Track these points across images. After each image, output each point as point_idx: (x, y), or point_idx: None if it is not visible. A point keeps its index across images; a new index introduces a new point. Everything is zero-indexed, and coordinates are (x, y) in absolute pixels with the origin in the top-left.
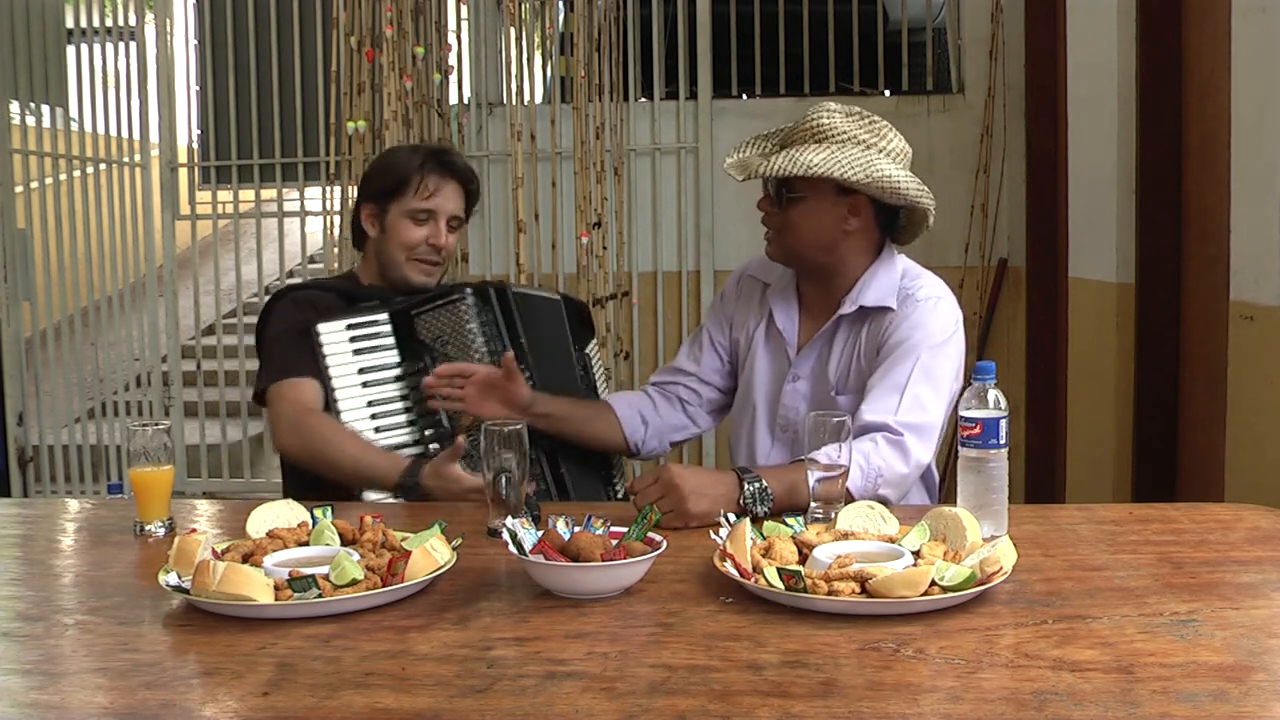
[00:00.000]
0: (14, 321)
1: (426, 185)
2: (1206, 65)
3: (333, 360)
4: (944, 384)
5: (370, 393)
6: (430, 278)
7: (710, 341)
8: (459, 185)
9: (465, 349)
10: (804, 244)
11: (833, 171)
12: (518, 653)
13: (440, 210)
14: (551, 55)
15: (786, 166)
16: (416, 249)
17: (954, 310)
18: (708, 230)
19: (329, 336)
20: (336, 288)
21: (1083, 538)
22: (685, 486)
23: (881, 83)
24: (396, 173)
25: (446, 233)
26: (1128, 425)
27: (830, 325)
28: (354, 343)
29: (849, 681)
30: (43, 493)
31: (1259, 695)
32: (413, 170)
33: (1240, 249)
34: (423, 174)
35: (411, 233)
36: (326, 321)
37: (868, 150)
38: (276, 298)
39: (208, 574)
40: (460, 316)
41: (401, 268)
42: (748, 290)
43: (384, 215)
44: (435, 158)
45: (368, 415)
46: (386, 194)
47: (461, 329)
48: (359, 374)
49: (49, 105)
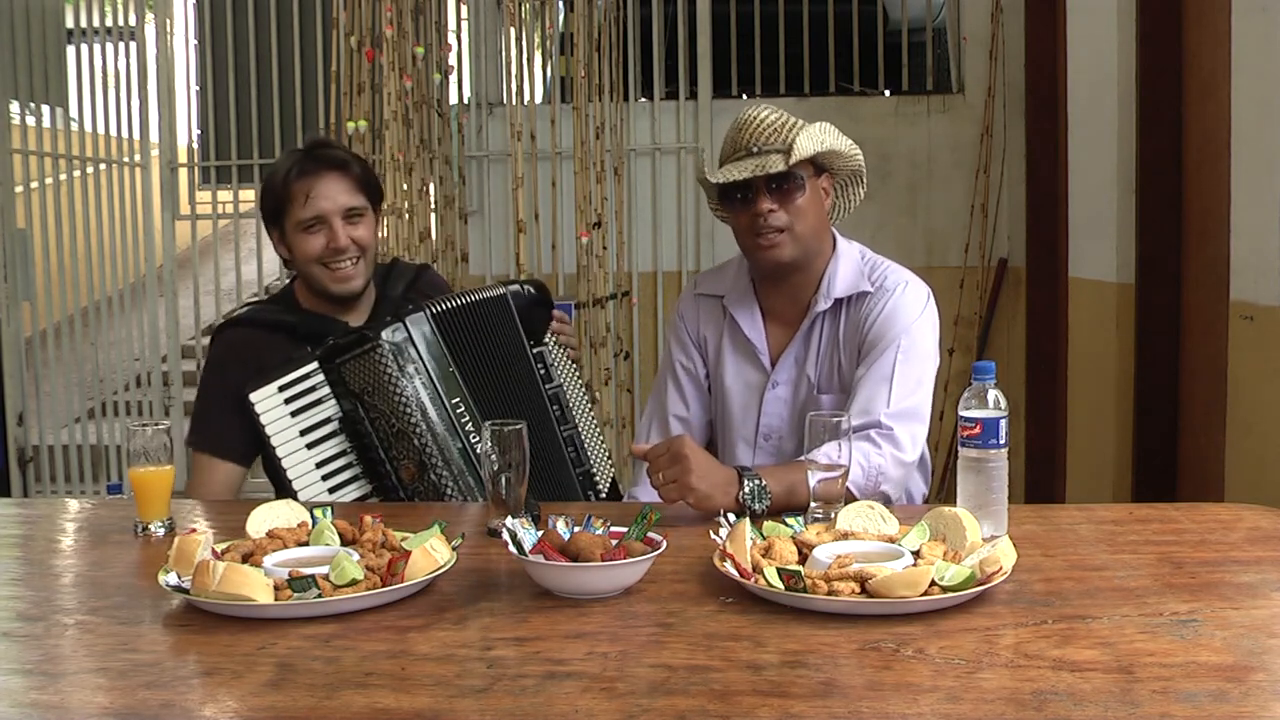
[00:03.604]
0: (14, 321)
1: (302, 192)
2: (1206, 65)
3: (272, 429)
4: (926, 361)
5: (315, 453)
6: (352, 280)
7: (685, 374)
8: (338, 174)
9: (389, 399)
10: (811, 232)
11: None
12: (518, 653)
13: (327, 211)
14: (551, 55)
15: (809, 146)
16: (322, 257)
17: (921, 288)
18: (708, 230)
19: (264, 404)
20: (273, 322)
21: (1083, 538)
22: (693, 461)
23: (881, 83)
24: (272, 191)
25: (346, 228)
26: (1128, 425)
27: (806, 326)
28: (289, 403)
29: (849, 681)
30: (43, 493)
31: (1259, 695)
32: (283, 183)
33: (1240, 249)
34: (293, 183)
35: (309, 245)
36: (257, 388)
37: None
38: (214, 336)
39: (208, 574)
40: (378, 366)
41: (320, 280)
42: (705, 307)
43: (285, 237)
44: (301, 159)
45: (319, 477)
46: (276, 215)
47: (381, 379)
48: (301, 435)
49: (49, 105)
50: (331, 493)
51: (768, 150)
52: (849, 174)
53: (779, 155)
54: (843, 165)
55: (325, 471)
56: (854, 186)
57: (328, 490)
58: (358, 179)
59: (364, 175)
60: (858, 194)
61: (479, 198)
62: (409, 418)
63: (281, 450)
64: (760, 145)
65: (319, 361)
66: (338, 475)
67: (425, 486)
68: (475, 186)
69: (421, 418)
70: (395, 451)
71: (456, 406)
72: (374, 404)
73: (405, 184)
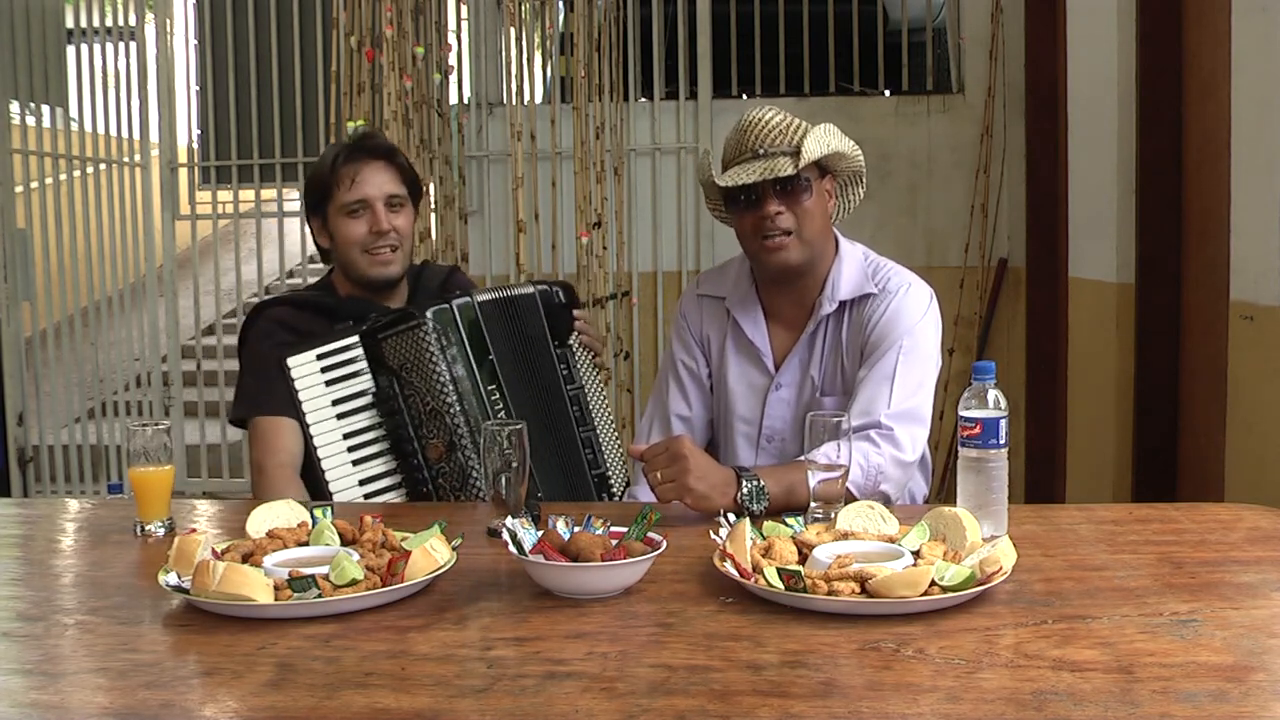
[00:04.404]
0: (14, 321)
1: (348, 177)
2: (1206, 65)
3: (305, 395)
4: (928, 362)
5: (345, 424)
6: (391, 265)
7: (688, 374)
8: (383, 163)
9: (428, 378)
10: (817, 234)
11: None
12: (518, 653)
13: (372, 196)
14: (551, 55)
15: (817, 149)
16: (364, 242)
17: (924, 290)
18: (708, 230)
19: (300, 370)
20: (315, 303)
21: (1083, 538)
22: (692, 461)
23: (881, 83)
24: (318, 177)
25: (388, 215)
26: (1128, 425)
27: (810, 329)
28: (325, 372)
29: (849, 681)
30: (43, 493)
31: (1259, 695)
32: (330, 168)
33: (1240, 249)
34: (340, 168)
35: (353, 229)
36: (296, 354)
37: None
38: (254, 314)
39: (208, 574)
40: (421, 344)
41: (359, 266)
42: (708, 307)
43: (326, 223)
44: (349, 148)
45: (344, 449)
46: (320, 201)
47: (422, 357)
48: (333, 405)
49: (49, 105)
50: (355, 465)
51: (774, 153)
52: (849, 174)
53: (786, 158)
54: (845, 166)
55: (352, 444)
56: (854, 186)
57: (351, 462)
58: (401, 170)
59: (408, 168)
60: (857, 194)
61: (479, 198)
62: (445, 397)
63: (311, 418)
64: (766, 148)
65: (360, 335)
66: (364, 449)
67: (451, 468)
68: (475, 186)
69: (457, 399)
70: (426, 430)
71: (492, 394)
72: (410, 380)
73: None
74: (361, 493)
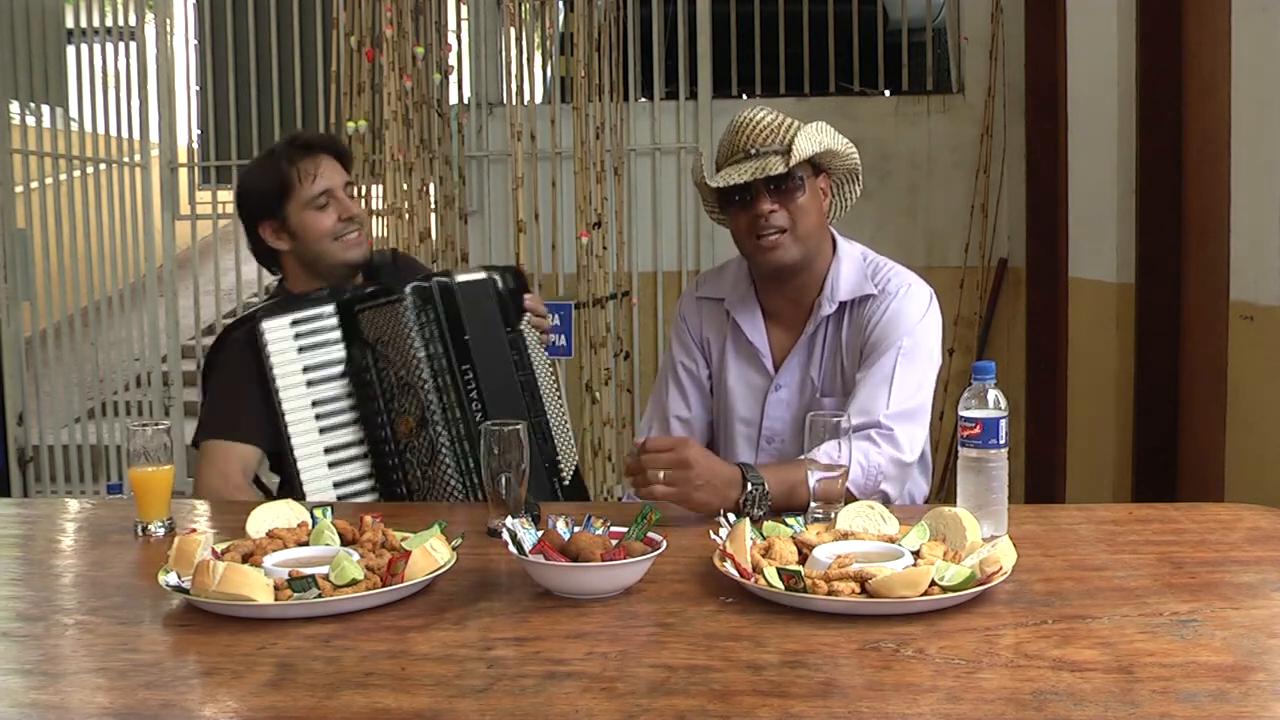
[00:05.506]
0: (14, 321)
1: (307, 172)
2: (1206, 65)
3: (277, 360)
4: (928, 363)
5: (314, 391)
6: (361, 247)
7: (688, 375)
8: (330, 155)
9: (403, 352)
10: (811, 232)
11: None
12: (518, 653)
13: (333, 185)
14: (551, 55)
15: (808, 147)
16: (335, 230)
17: (924, 291)
18: (708, 230)
19: (273, 334)
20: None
21: (1083, 538)
22: (697, 469)
23: (881, 83)
24: (271, 180)
25: (350, 201)
26: (1128, 425)
27: (810, 329)
28: (299, 339)
29: (849, 681)
30: (43, 493)
31: (1259, 695)
32: (285, 168)
33: (1240, 249)
34: (297, 164)
35: (321, 220)
36: (271, 318)
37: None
38: (219, 341)
39: (208, 574)
40: (400, 319)
41: (332, 254)
42: (707, 309)
43: (286, 222)
44: (293, 147)
45: (312, 416)
46: (276, 202)
47: (400, 332)
48: (303, 372)
49: (49, 105)
50: (322, 434)
51: (766, 152)
52: (845, 172)
53: (778, 156)
54: (839, 165)
55: (319, 412)
56: (850, 184)
57: (318, 430)
58: (345, 157)
59: (348, 154)
60: (854, 192)
61: (479, 198)
62: (419, 372)
63: (281, 382)
64: (758, 147)
65: (336, 305)
66: (331, 417)
67: (420, 443)
68: (475, 186)
69: (431, 376)
70: (397, 404)
71: (465, 373)
72: (385, 354)
73: (405, 184)
74: (326, 460)
